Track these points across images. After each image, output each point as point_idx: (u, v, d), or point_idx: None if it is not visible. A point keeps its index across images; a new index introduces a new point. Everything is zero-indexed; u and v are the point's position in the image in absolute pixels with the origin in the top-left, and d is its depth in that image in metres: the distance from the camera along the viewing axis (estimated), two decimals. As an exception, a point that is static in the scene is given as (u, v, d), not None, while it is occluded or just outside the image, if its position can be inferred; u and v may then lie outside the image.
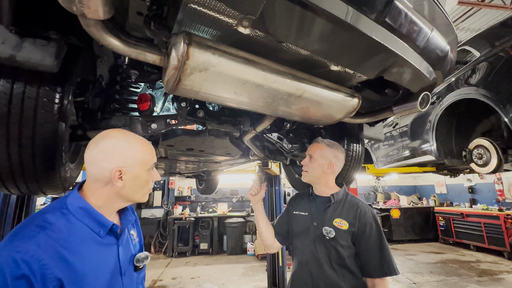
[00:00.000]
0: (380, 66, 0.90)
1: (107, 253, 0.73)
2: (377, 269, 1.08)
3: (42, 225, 0.64)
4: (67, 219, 0.68)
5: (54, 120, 0.86)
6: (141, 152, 0.78)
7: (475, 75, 2.50)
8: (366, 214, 1.14)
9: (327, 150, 1.26)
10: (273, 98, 1.00)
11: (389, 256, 1.09)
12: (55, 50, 0.74)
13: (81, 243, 0.67)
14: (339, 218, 1.14)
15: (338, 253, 1.10)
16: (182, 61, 0.75)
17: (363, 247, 1.10)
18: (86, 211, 0.71)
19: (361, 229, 1.11)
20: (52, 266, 0.59)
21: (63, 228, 0.66)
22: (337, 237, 1.11)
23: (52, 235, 0.63)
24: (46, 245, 0.61)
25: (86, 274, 0.65)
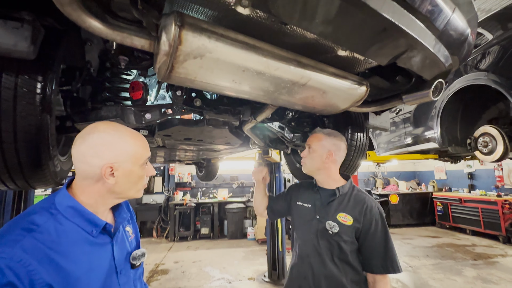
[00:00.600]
0: (393, 52, 0.81)
1: (101, 253, 0.69)
2: (380, 266, 1.05)
3: (28, 228, 0.59)
4: (56, 219, 0.63)
5: (37, 112, 0.79)
6: (133, 147, 0.72)
7: (485, 59, 2.38)
8: (373, 210, 1.10)
9: (326, 140, 1.21)
10: (275, 86, 0.92)
11: (393, 253, 1.07)
12: (30, 33, 0.66)
13: (73, 245, 0.63)
14: (343, 213, 1.10)
15: (340, 248, 1.07)
16: (174, 47, 0.67)
17: (367, 244, 1.07)
18: (76, 210, 0.66)
19: (366, 226, 1.08)
20: (40, 271, 0.56)
21: (52, 230, 0.61)
22: (341, 232, 1.07)
23: (40, 238, 0.59)
24: (34, 249, 0.57)
25: (79, 277, 0.61)
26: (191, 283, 3.88)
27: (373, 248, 1.06)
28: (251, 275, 4.15)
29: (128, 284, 0.74)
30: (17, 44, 0.65)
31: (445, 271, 4.12)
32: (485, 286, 3.58)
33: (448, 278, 3.87)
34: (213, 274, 4.20)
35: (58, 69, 0.90)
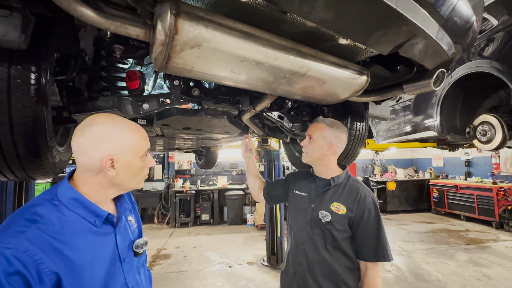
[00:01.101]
0: (396, 40, 0.79)
1: (104, 242, 0.71)
2: (372, 254, 1.08)
3: (32, 219, 0.60)
4: (59, 210, 0.64)
5: (32, 103, 0.78)
6: (133, 139, 0.72)
7: (489, 46, 2.34)
8: (366, 199, 1.11)
9: (328, 130, 1.19)
10: (274, 77, 0.91)
11: (385, 242, 1.09)
12: (20, 22, 0.63)
13: (76, 235, 0.64)
14: (337, 203, 1.12)
15: (333, 237, 1.09)
16: (170, 36, 0.65)
17: (360, 232, 1.10)
18: (78, 201, 0.67)
19: (359, 215, 1.09)
20: (46, 260, 0.57)
21: (56, 221, 0.62)
22: (333, 221, 1.09)
23: (44, 229, 0.60)
24: (38, 240, 0.58)
25: (84, 266, 0.63)
26: (192, 267, 4.00)
27: (365, 236, 1.09)
28: (250, 259, 4.28)
29: (132, 271, 0.76)
30: (7, 33, 0.63)
31: (438, 255, 4.26)
32: (476, 269, 3.71)
33: (440, 262, 4.01)
34: (214, 259, 4.33)
35: (52, 58, 0.88)
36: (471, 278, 3.44)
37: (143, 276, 0.83)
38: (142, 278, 0.81)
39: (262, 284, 3.37)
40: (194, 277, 3.64)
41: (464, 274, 3.57)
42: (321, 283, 1.09)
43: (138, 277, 0.78)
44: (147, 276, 0.89)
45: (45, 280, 0.56)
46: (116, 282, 0.70)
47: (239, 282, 3.45)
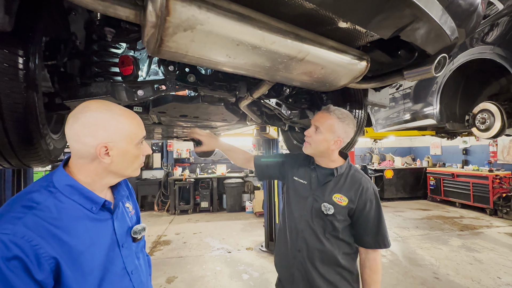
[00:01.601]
0: (397, 23, 0.76)
1: (102, 228, 0.71)
2: (372, 242, 1.10)
3: (28, 205, 0.60)
4: (55, 197, 0.64)
5: (21, 88, 0.76)
6: (128, 126, 0.71)
7: (493, 31, 2.27)
8: (368, 191, 1.12)
9: (338, 125, 1.11)
10: (271, 62, 0.88)
11: (385, 230, 1.11)
12: (3, 2, 0.60)
13: (74, 221, 0.64)
14: (339, 194, 1.11)
15: (333, 226, 1.10)
16: (161, 18, 0.62)
17: (361, 222, 1.11)
18: (75, 188, 0.67)
19: (361, 206, 1.10)
20: (44, 245, 0.57)
21: (52, 207, 0.62)
22: (336, 213, 1.10)
23: (41, 215, 0.60)
24: (36, 226, 0.58)
25: (82, 251, 0.64)
26: (192, 252, 4.09)
27: (366, 226, 1.10)
28: (249, 245, 4.37)
29: (130, 256, 0.77)
30: (-10, 14, 0.60)
31: (432, 241, 4.37)
32: (468, 254, 3.82)
33: (434, 247, 4.12)
34: (213, 245, 4.42)
35: (40, 42, 0.84)
36: (463, 263, 3.55)
37: (142, 261, 0.84)
38: (141, 263, 0.82)
39: (261, 269, 3.47)
40: (194, 262, 3.73)
41: (457, 259, 3.67)
42: (320, 269, 1.11)
43: (137, 261, 0.79)
44: (146, 260, 0.90)
45: (44, 264, 0.57)
46: (115, 267, 0.71)
47: (238, 267, 3.55)
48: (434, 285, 2.99)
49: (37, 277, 0.55)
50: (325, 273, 1.10)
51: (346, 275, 1.13)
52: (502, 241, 4.29)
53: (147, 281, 0.86)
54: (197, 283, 3.11)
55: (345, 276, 1.13)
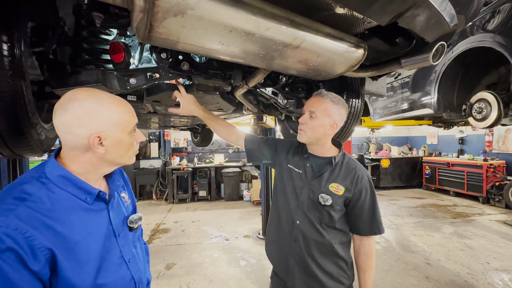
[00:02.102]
0: (396, 9, 0.74)
1: (98, 218, 0.71)
2: (367, 229, 1.12)
3: (20, 197, 0.59)
4: (48, 188, 0.63)
5: (7, 76, 0.73)
6: (119, 114, 0.70)
7: (495, 19, 2.23)
8: (363, 179, 1.12)
9: (333, 109, 1.09)
10: (266, 49, 0.86)
11: (379, 217, 1.13)
12: (-19, -16, 0.57)
13: (68, 212, 0.64)
14: (335, 183, 1.10)
15: (330, 216, 1.11)
16: (150, 1, 0.59)
17: (356, 211, 1.12)
18: (68, 179, 0.66)
19: (356, 195, 1.10)
20: (38, 237, 0.57)
21: (45, 198, 0.62)
22: (333, 203, 1.10)
23: (34, 206, 0.59)
24: (28, 217, 0.57)
25: (78, 241, 0.64)
26: (190, 240, 4.17)
27: (361, 214, 1.11)
28: (246, 233, 4.45)
29: (127, 245, 0.77)
30: (-31, -3, 0.57)
31: (425, 228, 4.48)
32: (460, 240, 3.93)
33: (427, 234, 4.22)
34: (211, 232, 4.50)
35: (26, 27, 0.81)
36: (454, 249, 3.66)
37: (139, 249, 0.85)
38: (138, 251, 0.83)
39: (258, 255, 3.55)
40: (193, 249, 3.80)
41: (448, 245, 3.78)
42: (318, 259, 1.12)
43: (134, 250, 0.80)
44: (143, 249, 0.91)
45: (39, 255, 0.57)
46: (112, 256, 0.71)
47: (236, 254, 3.63)
48: (426, 270, 3.09)
49: (32, 268, 0.55)
50: (322, 262, 1.12)
51: (342, 263, 1.15)
52: (493, 228, 4.41)
53: (145, 269, 0.87)
54: (196, 269, 3.19)
55: (340, 265, 1.14)
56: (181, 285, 2.85)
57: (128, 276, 0.74)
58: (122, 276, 0.72)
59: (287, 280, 1.18)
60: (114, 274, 0.70)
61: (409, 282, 2.84)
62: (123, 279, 0.72)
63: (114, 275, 0.70)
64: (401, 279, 2.91)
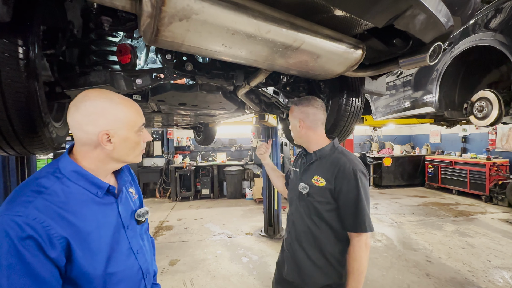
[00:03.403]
0: (391, 12, 0.77)
1: (108, 211, 0.75)
2: (351, 225, 1.09)
3: (38, 190, 0.64)
4: (62, 183, 0.68)
5: (23, 78, 0.78)
6: (127, 114, 0.73)
7: (496, 17, 2.23)
8: (345, 171, 1.10)
9: (295, 110, 1.25)
10: (267, 50, 0.89)
11: (364, 213, 1.07)
12: (1, -8, 0.61)
13: (80, 205, 0.69)
14: (317, 175, 1.16)
15: (315, 209, 1.15)
16: (157, 7, 0.63)
17: (341, 204, 1.11)
18: (80, 174, 0.71)
19: (338, 187, 1.10)
20: (55, 226, 0.61)
21: (60, 192, 0.66)
22: (312, 193, 1.14)
23: (50, 199, 0.64)
24: (45, 208, 0.62)
25: (90, 232, 0.68)
26: (193, 237, 4.22)
27: (345, 208, 1.10)
28: (248, 230, 4.50)
29: (135, 237, 0.82)
30: (-12, 5, 0.61)
31: (427, 227, 4.49)
32: (461, 239, 3.94)
33: (429, 232, 4.24)
34: (214, 230, 4.56)
35: (38, 31, 0.85)
36: (455, 247, 3.67)
37: (146, 242, 0.89)
38: (145, 243, 0.88)
39: (260, 252, 3.60)
40: (196, 246, 3.86)
41: (450, 243, 3.79)
42: (307, 249, 1.17)
43: (141, 242, 0.84)
44: (150, 242, 0.96)
45: (56, 243, 0.61)
46: (121, 247, 0.76)
47: (238, 251, 3.68)
48: (426, 268, 3.12)
49: (50, 255, 0.60)
50: (312, 255, 1.15)
51: (331, 259, 1.14)
52: (495, 227, 4.41)
53: (152, 261, 0.92)
54: (199, 265, 3.24)
55: (330, 260, 1.14)
56: (184, 280, 2.91)
57: (136, 266, 0.78)
58: (131, 266, 0.77)
59: (282, 269, 1.29)
60: (123, 264, 0.74)
61: (409, 279, 2.87)
62: (131, 269, 0.77)
63: (123, 265, 0.74)
64: (402, 276, 2.94)
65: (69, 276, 0.64)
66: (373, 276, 2.95)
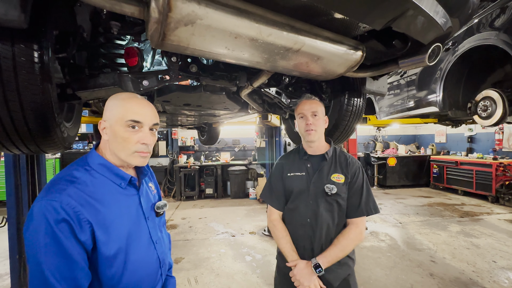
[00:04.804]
0: (388, 15, 0.79)
1: (130, 202, 0.81)
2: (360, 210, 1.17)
3: (70, 180, 0.71)
4: (90, 174, 0.75)
5: (38, 80, 0.82)
6: (119, 108, 0.76)
7: (501, 16, 2.22)
8: (354, 164, 1.23)
9: (322, 106, 1.28)
10: (269, 53, 0.92)
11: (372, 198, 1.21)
12: (19, 2, 0.65)
13: (106, 194, 0.75)
14: (335, 173, 1.20)
15: (339, 205, 1.18)
16: (164, 14, 0.67)
17: (352, 192, 1.19)
18: (106, 167, 0.77)
19: (351, 177, 1.20)
20: (83, 211, 0.68)
21: (89, 182, 0.73)
22: (338, 191, 1.18)
23: (80, 188, 0.70)
24: (76, 196, 0.68)
25: (113, 219, 0.74)
26: (198, 236, 4.28)
27: (356, 195, 1.19)
28: (252, 229, 4.54)
29: (154, 228, 0.87)
30: (8, 13, 0.65)
31: (431, 227, 4.46)
32: (466, 239, 3.91)
33: (433, 232, 4.21)
34: (218, 229, 4.60)
35: (52, 36, 0.90)
36: (460, 247, 3.64)
37: (164, 235, 0.95)
38: (163, 236, 0.93)
39: (263, 251, 3.63)
40: (200, 244, 3.91)
41: (454, 244, 3.77)
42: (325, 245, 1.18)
43: (159, 234, 0.90)
44: (167, 236, 1.01)
45: (85, 227, 0.67)
46: (142, 236, 0.81)
47: (241, 249, 3.71)
48: (430, 268, 3.11)
49: (80, 238, 0.66)
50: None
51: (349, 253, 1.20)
52: (501, 228, 4.36)
53: (168, 253, 0.97)
54: (203, 264, 3.29)
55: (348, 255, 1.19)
56: (189, 278, 2.95)
57: (154, 255, 0.83)
58: (150, 255, 0.82)
59: None
60: (143, 252, 0.80)
61: (413, 279, 2.86)
62: (150, 257, 0.82)
63: (143, 253, 0.79)
64: (405, 276, 2.93)
65: (91, 260, 0.70)
66: (376, 275, 2.95)
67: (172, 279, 0.98)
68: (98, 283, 0.72)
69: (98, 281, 0.72)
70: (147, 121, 0.78)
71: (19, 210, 2.59)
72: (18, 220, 2.60)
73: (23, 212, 2.63)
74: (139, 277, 0.78)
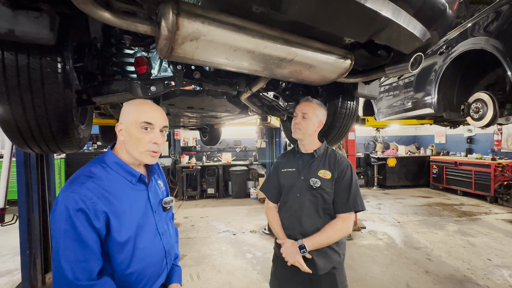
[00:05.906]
0: (369, 31, 0.90)
1: (140, 196, 0.91)
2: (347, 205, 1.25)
3: (88, 175, 0.82)
4: (106, 171, 0.86)
5: (60, 89, 0.93)
6: (134, 112, 0.88)
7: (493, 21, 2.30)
8: (342, 162, 1.32)
9: (319, 110, 1.36)
10: (265, 62, 1.02)
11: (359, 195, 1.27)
12: (49, 22, 0.76)
13: (118, 189, 0.85)
14: (323, 169, 1.30)
15: (324, 199, 1.28)
16: (172, 32, 0.77)
17: (339, 189, 1.28)
18: (119, 164, 0.88)
19: (337, 175, 1.29)
20: (99, 203, 0.78)
21: (104, 177, 0.84)
22: (323, 185, 1.28)
23: (97, 182, 0.81)
24: (94, 189, 0.79)
25: (124, 211, 0.84)
26: (200, 234, 4.38)
27: (343, 191, 1.27)
28: (253, 228, 4.64)
29: (161, 221, 0.97)
30: (39, 32, 0.76)
31: (429, 226, 4.53)
32: (463, 238, 3.98)
33: (431, 232, 4.28)
34: (219, 228, 4.71)
35: (72, 48, 1.01)
36: (456, 246, 3.72)
37: (170, 228, 1.05)
38: (170, 228, 1.04)
39: (263, 249, 3.72)
40: (202, 242, 4.02)
41: (451, 242, 3.84)
42: None
43: (166, 227, 1.00)
44: (174, 230, 1.12)
45: (100, 217, 0.78)
46: (149, 227, 0.91)
47: (242, 247, 3.81)
48: (426, 265, 3.19)
49: (95, 225, 0.76)
50: None
51: (334, 246, 1.29)
52: (498, 227, 4.42)
53: (174, 245, 1.07)
54: (205, 261, 3.39)
55: (333, 247, 1.28)
56: (191, 274, 3.06)
57: (160, 245, 0.94)
58: (156, 244, 0.92)
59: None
60: (150, 241, 0.90)
61: (408, 276, 2.95)
62: (156, 247, 0.92)
63: (150, 242, 0.90)
64: (401, 273, 3.02)
65: (104, 246, 0.80)
66: (373, 272, 3.04)
67: (178, 268, 1.08)
68: (110, 267, 0.82)
69: (110, 265, 0.82)
70: (158, 123, 0.89)
71: (29, 207, 2.72)
72: (28, 217, 2.72)
73: (33, 210, 2.75)
74: (146, 264, 0.88)
